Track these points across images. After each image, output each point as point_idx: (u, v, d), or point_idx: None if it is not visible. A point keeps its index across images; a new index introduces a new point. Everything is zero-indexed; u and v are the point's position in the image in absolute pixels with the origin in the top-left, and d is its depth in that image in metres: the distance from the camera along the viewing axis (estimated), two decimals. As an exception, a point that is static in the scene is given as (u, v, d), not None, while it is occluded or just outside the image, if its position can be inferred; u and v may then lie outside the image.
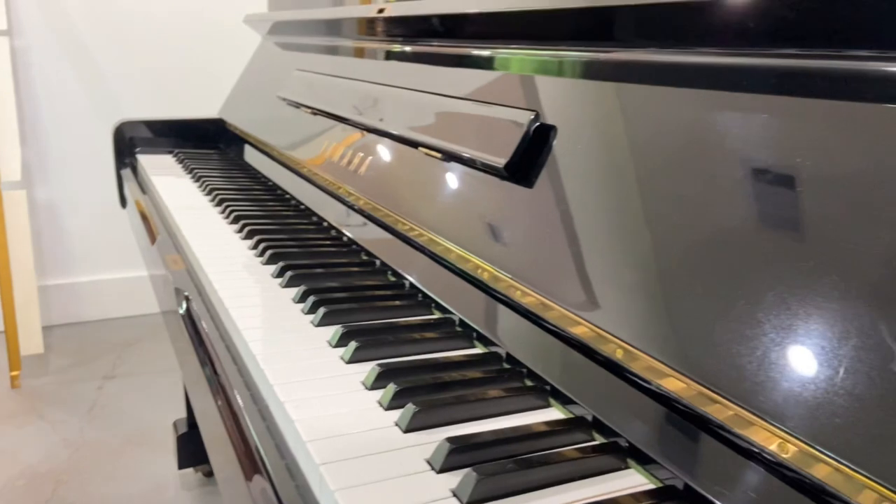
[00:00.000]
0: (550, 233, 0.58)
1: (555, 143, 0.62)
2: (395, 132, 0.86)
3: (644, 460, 0.45)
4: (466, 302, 0.66)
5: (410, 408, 0.49)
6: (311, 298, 0.69)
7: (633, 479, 0.45)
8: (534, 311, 0.56)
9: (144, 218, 1.12)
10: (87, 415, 1.98)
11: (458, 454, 0.44)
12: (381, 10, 0.94)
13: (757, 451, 0.38)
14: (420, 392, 0.52)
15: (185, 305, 0.77)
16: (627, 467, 0.46)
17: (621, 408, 0.48)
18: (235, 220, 1.00)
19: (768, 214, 0.43)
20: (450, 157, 0.74)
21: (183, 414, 1.77)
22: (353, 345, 0.59)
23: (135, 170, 1.52)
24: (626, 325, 0.48)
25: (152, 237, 1.01)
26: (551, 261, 0.57)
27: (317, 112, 1.14)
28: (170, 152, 1.58)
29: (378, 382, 0.54)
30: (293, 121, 1.23)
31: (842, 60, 0.43)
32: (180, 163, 1.46)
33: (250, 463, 0.51)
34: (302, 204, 1.12)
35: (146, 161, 1.48)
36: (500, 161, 0.63)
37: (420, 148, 0.80)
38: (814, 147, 0.42)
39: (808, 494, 0.36)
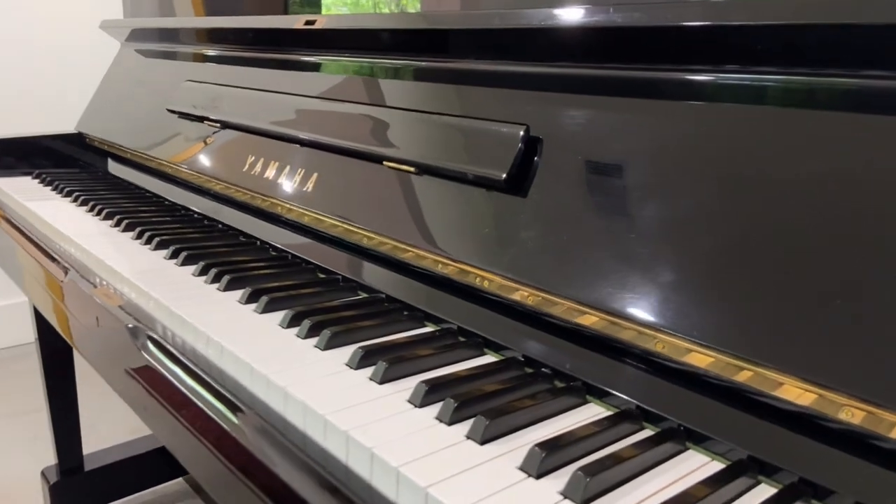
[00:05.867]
0: (546, 234, 0.62)
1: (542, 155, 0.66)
2: (349, 146, 0.85)
3: (699, 440, 0.51)
4: (468, 314, 0.68)
5: (481, 420, 0.50)
6: (307, 322, 0.67)
7: (698, 459, 0.50)
8: (541, 310, 0.60)
9: (39, 250, 1.01)
10: (-70, 477, 1.72)
11: (550, 458, 0.47)
12: (309, 22, 0.92)
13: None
14: (473, 404, 0.54)
15: (149, 345, 0.71)
16: (687, 449, 0.51)
17: (666, 397, 0.53)
18: (163, 246, 0.94)
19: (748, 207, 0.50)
20: (424, 170, 0.76)
21: (50, 461, 1.60)
22: (382, 364, 0.59)
23: (-11, 195, 1.35)
24: (655, 314, 0.53)
25: (63, 270, 0.92)
26: (544, 255, 0.61)
27: (228, 125, 1.09)
28: (28, 174, 1.42)
29: (428, 399, 0.55)
30: (194, 135, 1.16)
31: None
32: (49, 185, 1.32)
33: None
34: (219, 223, 1.06)
35: (5, 185, 1.32)
36: (499, 174, 0.66)
37: (384, 162, 0.80)
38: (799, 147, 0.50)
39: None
